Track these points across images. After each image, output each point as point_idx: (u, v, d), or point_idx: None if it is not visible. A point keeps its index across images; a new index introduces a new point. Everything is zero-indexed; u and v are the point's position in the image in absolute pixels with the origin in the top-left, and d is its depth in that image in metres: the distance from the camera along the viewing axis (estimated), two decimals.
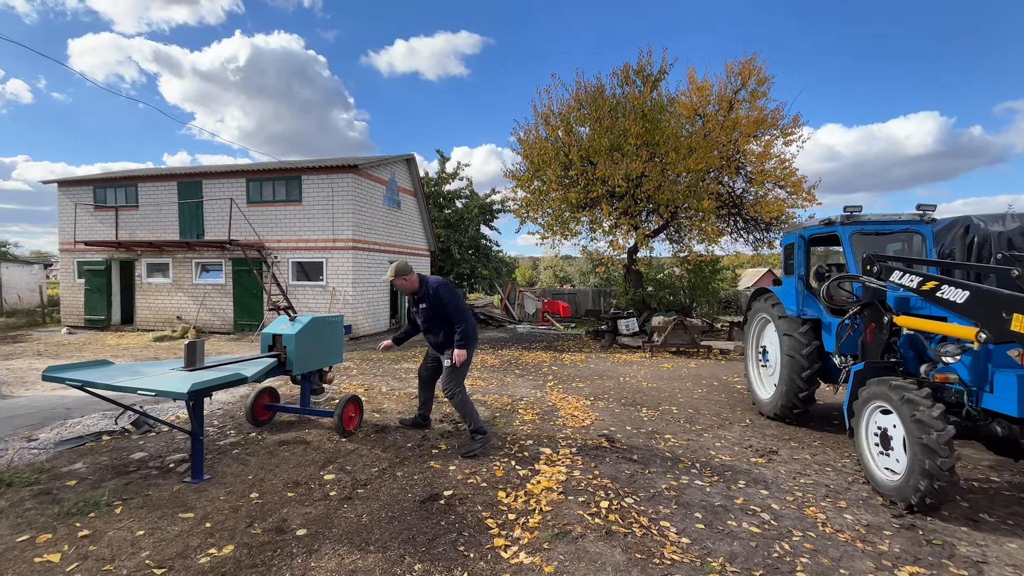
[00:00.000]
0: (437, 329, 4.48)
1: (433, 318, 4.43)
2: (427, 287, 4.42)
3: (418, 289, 4.45)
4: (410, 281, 4.41)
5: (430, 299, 4.39)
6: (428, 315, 4.44)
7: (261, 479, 3.70)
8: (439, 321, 4.44)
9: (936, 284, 3.62)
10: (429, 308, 4.40)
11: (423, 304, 4.42)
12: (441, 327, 4.47)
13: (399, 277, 4.38)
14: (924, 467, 3.21)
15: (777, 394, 5.62)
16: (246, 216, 13.85)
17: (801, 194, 12.95)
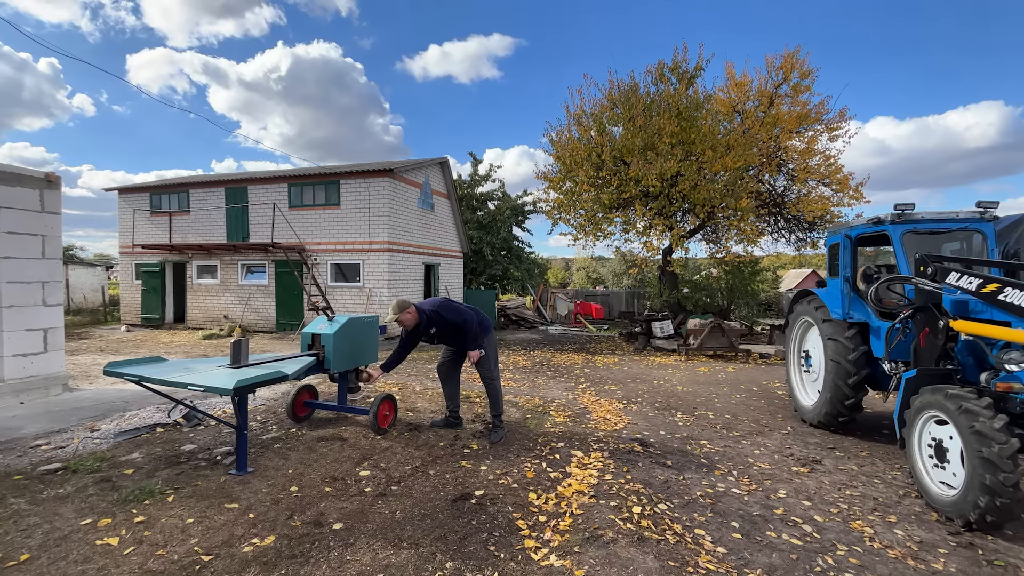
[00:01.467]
0: (457, 340, 4.78)
1: (449, 335, 4.73)
2: (426, 315, 4.61)
3: (420, 320, 4.59)
4: (412, 315, 4.54)
5: (439, 323, 4.63)
6: (444, 335, 4.73)
7: (300, 473, 3.84)
8: (456, 334, 4.71)
9: (998, 286, 3.40)
10: (442, 330, 4.68)
11: (434, 329, 4.66)
12: (456, 338, 4.79)
13: (402, 313, 4.50)
14: (984, 482, 3.01)
15: (821, 401, 5.38)
16: (288, 220, 14.40)
17: (848, 192, 12.37)
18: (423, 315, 4.59)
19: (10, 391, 5.89)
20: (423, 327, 4.60)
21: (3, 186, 5.94)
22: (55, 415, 5.37)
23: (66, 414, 5.41)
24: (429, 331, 4.63)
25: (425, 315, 4.60)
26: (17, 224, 6.07)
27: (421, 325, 4.59)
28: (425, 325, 4.59)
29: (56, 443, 4.45)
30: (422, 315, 4.58)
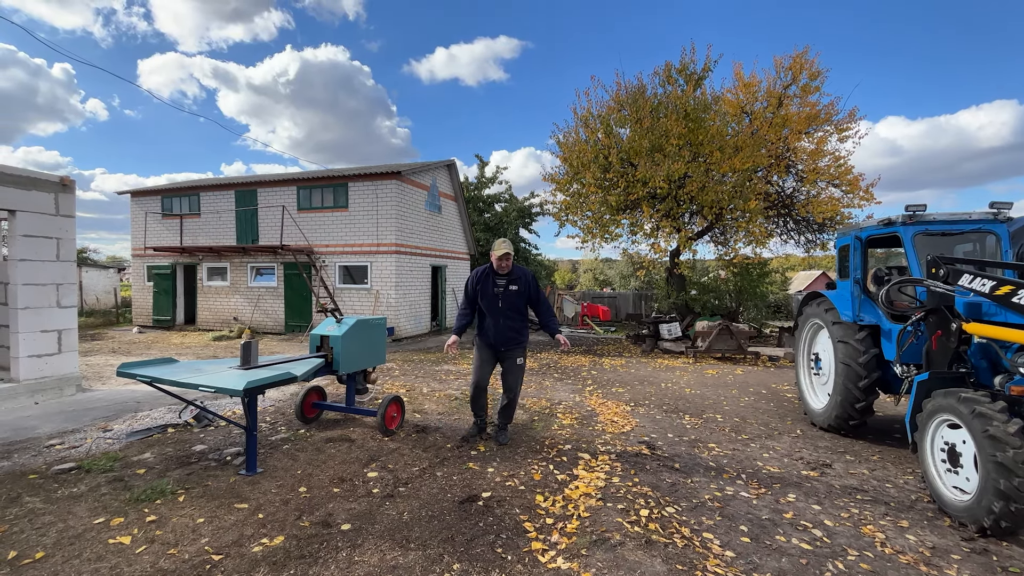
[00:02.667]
0: (516, 316, 4.43)
1: (516, 305, 4.41)
2: (520, 270, 4.44)
3: (514, 272, 4.41)
4: (509, 262, 4.39)
5: (523, 283, 4.39)
6: (513, 301, 4.38)
7: (309, 474, 3.87)
8: (520, 308, 4.45)
9: (1012, 288, 3.35)
10: (517, 293, 4.36)
11: (514, 287, 4.35)
12: (520, 315, 4.46)
13: (510, 255, 4.33)
14: (999, 487, 2.96)
15: (831, 404, 5.33)
16: (296, 222, 14.52)
17: (858, 192, 12.24)
18: (519, 269, 4.45)
19: (25, 391, 5.98)
20: (509, 280, 4.38)
21: (19, 190, 6.05)
22: (69, 415, 5.45)
23: (79, 414, 5.48)
24: (509, 288, 4.35)
25: (520, 270, 4.45)
26: (32, 227, 6.18)
27: (511, 276, 4.38)
28: (514, 279, 4.38)
29: (70, 443, 4.52)
30: (517, 268, 4.45)
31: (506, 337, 4.43)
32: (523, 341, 4.46)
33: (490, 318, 4.42)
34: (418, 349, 12.19)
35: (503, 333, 4.42)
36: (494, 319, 4.40)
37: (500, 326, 4.40)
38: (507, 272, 4.39)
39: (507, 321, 4.40)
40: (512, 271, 4.38)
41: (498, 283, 4.39)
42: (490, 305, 4.40)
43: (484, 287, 4.41)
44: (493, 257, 4.37)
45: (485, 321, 4.46)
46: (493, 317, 4.40)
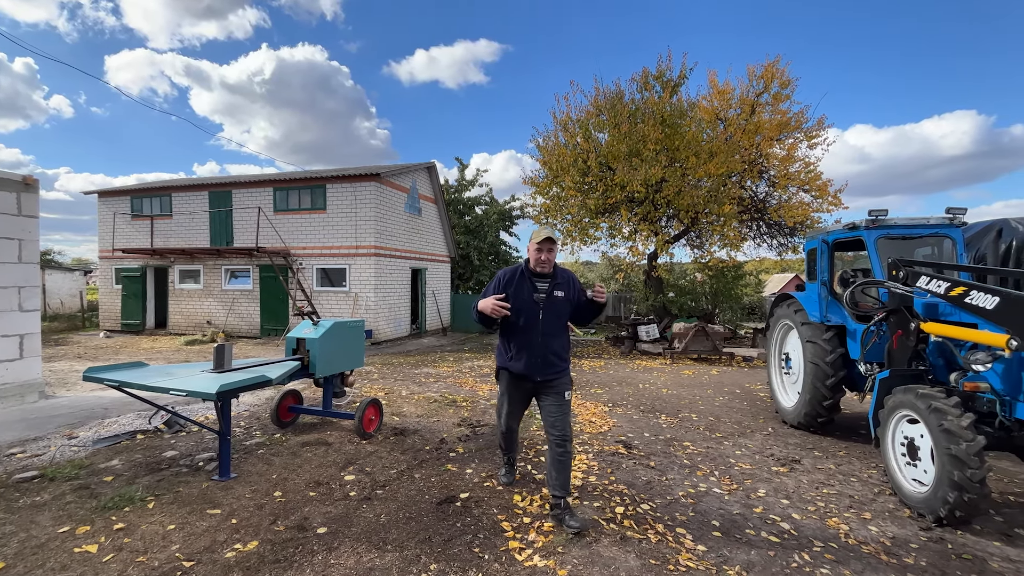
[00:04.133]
0: (561, 333, 3.29)
1: (562, 318, 3.28)
2: (564, 271, 3.35)
3: (553, 270, 3.29)
4: (553, 256, 3.28)
5: (570, 288, 3.29)
6: (559, 312, 3.24)
7: (284, 478, 3.82)
8: (565, 323, 3.33)
9: (965, 289, 3.53)
10: (564, 301, 3.25)
11: (559, 292, 3.23)
12: (565, 332, 3.33)
13: (553, 244, 3.25)
14: (953, 479, 3.12)
15: (800, 402, 5.50)
16: (273, 224, 14.27)
17: (827, 198, 12.66)
18: (562, 270, 3.35)
19: None
20: (557, 283, 3.26)
21: None
22: (31, 422, 5.25)
23: (43, 421, 5.29)
24: (553, 294, 3.22)
25: (564, 271, 3.36)
26: None
27: (554, 278, 3.26)
28: (562, 283, 3.28)
29: (32, 451, 4.36)
30: (560, 269, 3.35)
31: (548, 363, 3.21)
32: (567, 368, 3.34)
33: (523, 336, 3.19)
34: (398, 352, 12.10)
35: (544, 358, 3.19)
36: (531, 338, 3.18)
37: (539, 348, 3.18)
38: (549, 273, 3.25)
39: (549, 340, 3.20)
40: (555, 271, 3.28)
41: (539, 287, 3.21)
42: (527, 319, 3.17)
43: (518, 293, 3.18)
44: (531, 248, 3.24)
45: (514, 341, 3.22)
46: (529, 335, 3.18)
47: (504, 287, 3.22)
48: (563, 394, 3.25)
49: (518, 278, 3.25)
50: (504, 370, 3.37)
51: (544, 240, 3.19)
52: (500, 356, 3.39)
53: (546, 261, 3.22)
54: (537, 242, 3.20)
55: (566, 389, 3.28)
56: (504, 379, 3.40)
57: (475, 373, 9.09)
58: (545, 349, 3.20)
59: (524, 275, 3.27)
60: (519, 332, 3.22)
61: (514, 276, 3.26)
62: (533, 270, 3.25)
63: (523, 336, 3.21)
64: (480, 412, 6.07)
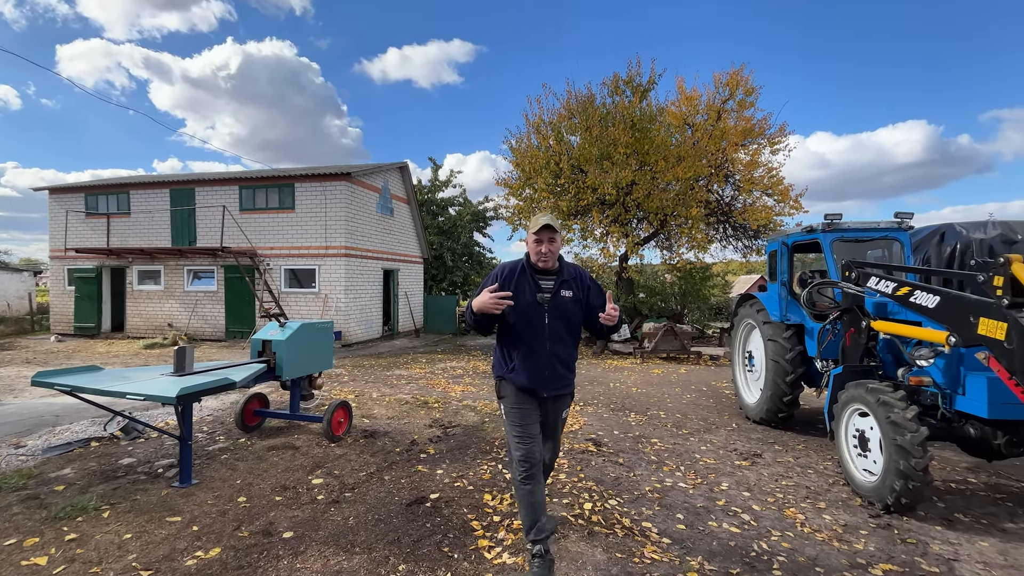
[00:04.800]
0: (570, 340, 2.76)
1: (571, 322, 2.73)
2: (572, 267, 2.82)
3: (558, 265, 2.75)
4: (556, 247, 2.70)
5: (579, 285, 2.75)
6: (567, 315, 2.70)
7: (249, 483, 3.73)
8: (576, 328, 2.78)
9: (910, 289, 3.74)
10: (573, 302, 2.71)
11: (567, 292, 2.69)
12: (575, 339, 2.80)
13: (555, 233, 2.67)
14: (899, 468, 3.30)
15: (762, 398, 5.71)
16: (239, 223, 13.86)
17: (788, 202, 13.16)
18: (570, 266, 2.82)
19: None
20: (564, 280, 2.71)
21: None
22: None
23: None
24: (562, 294, 2.68)
25: (572, 267, 2.82)
26: None
27: (559, 274, 2.71)
28: (570, 280, 2.73)
29: None
30: (567, 264, 2.81)
31: (555, 376, 2.68)
32: (573, 383, 2.83)
33: (526, 344, 2.65)
34: (369, 354, 11.94)
35: (551, 370, 2.66)
36: (535, 346, 2.64)
37: (546, 358, 2.65)
38: (554, 268, 2.73)
39: (556, 348, 2.67)
40: (562, 267, 2.76)
41: (543, 286, 2.68)
42: (531, 323, 2.64)
43: (519, 294, 2.63)
44: (529, 239, 2.71)
45: (517, 350, 2.68)
46: (534, 343, 2.64)
47: (502, 286, 2.64)
48: (562, 413, 2.83)
49: (518, 275, 2.69)
50: (506, 381, 2.73)
51: (543, 229, 2.62)
52: (499, 366, 2.78)
53: (548, 254, 2.66)
54: (534, 231, 2.65)
55: (567, 407, 2.85)
56: (509, 392, 2.72)
57: (447, 375, 9.06)
58: (553, 359, 2.65)
59: (525, 272, 2.70)
60: (522, 339, 2.65)
61: (513, 273, 2.71)
62: (535, 265, 2.71)
63: (526, 344, 2.65)
64: (452, 413, 6.06)
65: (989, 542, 3.11)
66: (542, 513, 2.58)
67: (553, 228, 2.63)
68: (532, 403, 2.71)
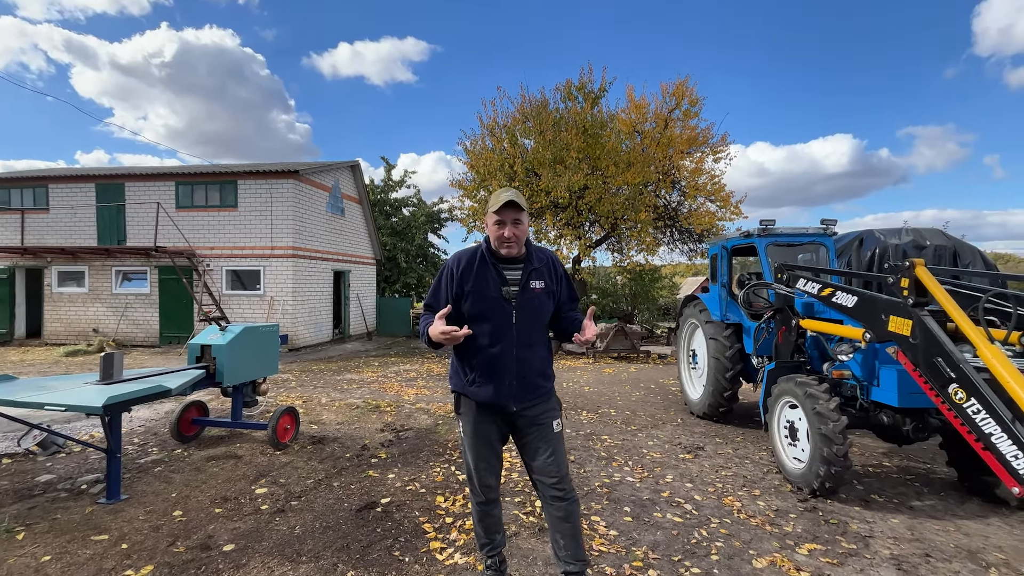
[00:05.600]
0: (540, 338, 2.32)
1: (541, 317, 2.30)
2: (541, 251, 2.37)
3: (526, 251, 2.29)
4: (523, 231, 2.23)
5: (551, 273, 2.31)
6: (537, 309, 2.25)
7: (186, 496, 3.53)
8: (546, 323, 2.35)
9: (832, 290, 4.06)
10: (545, 293, 2.27)
11: (538, 283, 2.24)
12: (546, 335, 2.39)
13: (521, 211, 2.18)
14: (823, 454, 3.58)
15: (705, 394, 6.01)
16: (175, 221, 13.05)
17: (730, 207, 13.90)
18: (539, 250, 2.36)
19: None
20: (533, 268, 2.25)
21: None
22: None
23: None
24: (531, 286, 2.23)
25: (541, 251, 2.37)
26: None
27: (527, 262, 2.25)
28: (540, 268, 2.27)
29: None
30: (536, 248, 2.34)
31: (527, 386, 2.24)
32: (552, 388, 2.38)
33: (489, 349, 2.20)
34: (318, 358, 11.55)
35: (521, 379, 2.23)
36: (501, 351, 2.20)
37: (513, 364, 2.21)
38: (521, 255, 2.26)
39: (527, 352, 2.23)
40: (530, 251, 2.29)
41: (509, 278, 2.22)
42: (495, 325, 2.19)
43: (479, 285, 2.20)
44: (489, 221, 2.23)
45: (477, 357, 2.23)
46: (499, 348, 2.20)
47: (460, 282, 2.19)
48: (550, 425, 2.29)
49: (478, 266, 2.21)
50: (463, 396, 2.30)
51: (506, 207, 2.12)
52: (455, 377, 2.32)
53: (512, 239, 2.17)
54: (495, 210, 2.15)
55: (554, 418, 2.32)
56: (467, 411, 2.29)
57: (401, 378, 8.93)
58: (522, 366, 2.20)
59: (486, 261, 2.22)
60: (483, 344, 2.18)
61: (472, 263, 2.22)
62: (496, 252, 2.22)
63: (489, 349, 2.18)
64: (404, 416, 5.98)
65: (899, 519, 3.43)
66: (497, 532, 2.44)
67: (518, 205, 2.14)
68: (496, 423, 2.27)
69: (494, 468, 2.35)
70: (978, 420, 2.54)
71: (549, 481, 2.25)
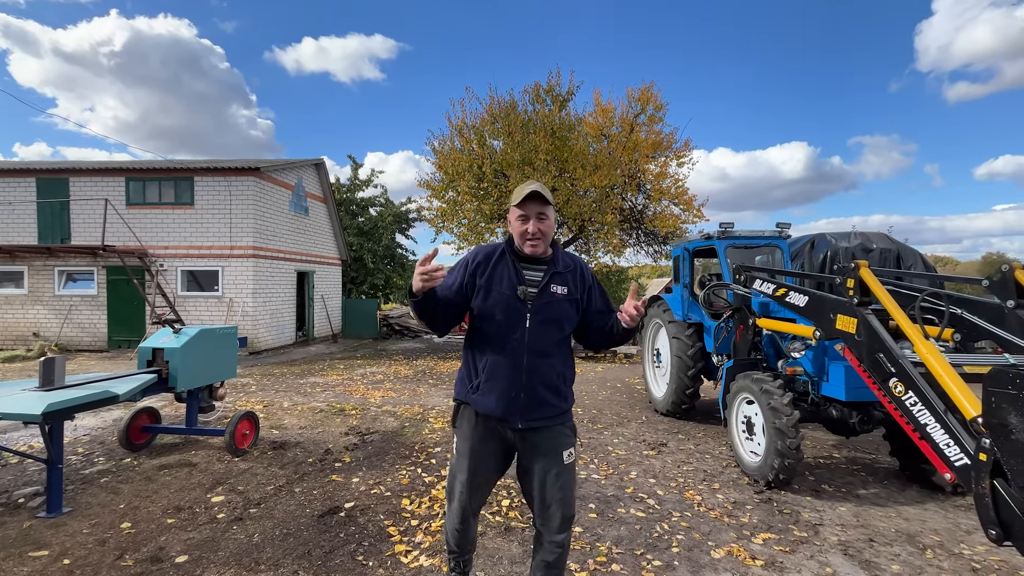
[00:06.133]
0: (559, 349, 2.04)
1: (562, 325, 2.03)
2: (567, 256, 2.16)
3: (552, 252, 2.09)
4: (549, 226, 2.01)
5: (577, 280, 2.07)
6: (555, 314, 2.00)
7: (135, 507, 3.36)
8: (567, 333, 2.08)
9: (786, 291, 4.24)
10: (567, 300, 2.02)
11: (560, 287, 2.01)
12: (566, 347, 2.09)
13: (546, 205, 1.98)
14: (777, 447, 3.74)
15: (668, 392, 6.17)
16: (125, 219, 12.40)
17: (692, 211, 14.31)
18: (564, 254, 2.15)
19: None
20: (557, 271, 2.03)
21: None
22: None
23: None
24: (552, 289, 2.00)
25: (567, 256, 2.15)
26: None
27: (557, 266, 2.04)
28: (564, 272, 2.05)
29: None
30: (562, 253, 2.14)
31: (535, 400, 1.98)
32: (569, 409, 2.09)
33: (498, 356, 1.98)
34: (281, 362, 11.21)
35: (529, 390, 1.97)
36: (509, 356, 1.96)
37: (521, 373, 1.96)
38: (546, 256, 2.07)
39: (539, 362, 1.98)
40: (556, 254, 2.09)
41: (528, 278, 2.02)
42: (505, 326, 1.97)
43: (494, 284, 2.00)
44: (512, 217, 2.03)
45: (484, 359, 2.01)
46: (507, 352, 1.97)
47: (474, 273, 2.00)
48: (560, 455, 1.98)
49: (496, 260, 2.03)
50: (464, 406, 2.06)
51: (529, 199, 1.93)
52: (460, 385, 2.09)
53: (537, 236, 1.97)
54: (517, 203, 1.95)
55: (567, 447, 2.00)
56: (464, 423, 2.05)
57: (367, 380, 8.77)
58: (532, 376, 1.95)
59: (506, 258, 2.03)
60: (492, 346, 1.97)
61: (490, 259, 2.03)
62: (519, 251, 2.04)
63: (497, 353, 1.96)
64: (370, 419, 5.89)
65: (847, 507, 3.62)
66: (470, 551, 2.24)
67: (544, 198, 1.94)
68: (496, 441, 2.00)
69: (480, 495, 2.07)
70: (915, 412, 2.71)
71: (552, 525, 1.97)
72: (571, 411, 2.10)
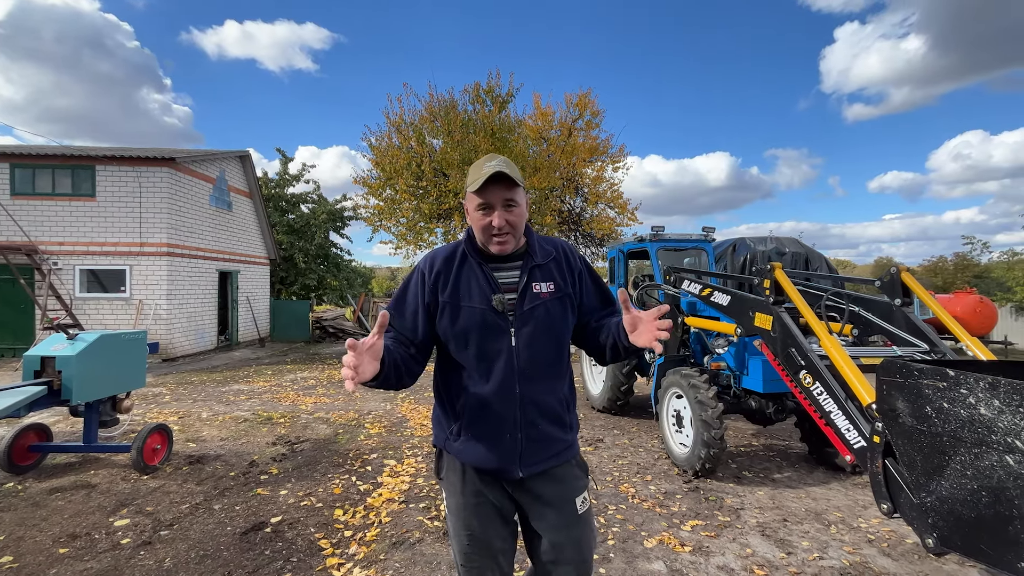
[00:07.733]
0: (551, 367, 1.55)
1: (553, 330, 1.53)
2: (550, 241, 1.65)
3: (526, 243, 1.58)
4: (519, 215, 1.49)
5: (564, 267, 1.59)
6: (544, 320, 1.51)
7: (19, 538, 2.96)
8: (564, 341, 1.58)
9: (711, 291, 4.51)
10: (556, 301, 1.53)
11: (545, 284, 1.53)
12: (562, 360, 1.58)
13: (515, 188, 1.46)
14: (703, 438, 3.96)
15: (604, 389, 6.36)
16: (8, 211, 10.95)
17: (627, 214, 14.91)
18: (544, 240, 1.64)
19: None
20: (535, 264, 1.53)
21: None
22: None
23: None
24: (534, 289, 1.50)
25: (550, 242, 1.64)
26: None
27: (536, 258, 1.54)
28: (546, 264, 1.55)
29: None
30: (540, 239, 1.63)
31: (536, 438, 1.51)
32: (573, 439, 1.61)
33: (481, 390, 1.49)
34: (200, 368, 10.36)
35: (530, 425, 1.50)
36: (499, 385, 1.48)
37: (516, 404, 1.48)
38: (519, 250, 1.57)
39: (535, 386, 1.51)
40: (531, 244, 1.58)
41: (501, 280, 1.53)
42: (485, 350, 1.49)
43: (459, 296, 1.51)
44: (470, 207, 1.50)
45: (464, 398, 1.51)
46: (494, 379, 1.48)
47: (433, 289, 1.52)
48: (572, 503, 1.54)
49: (457, 267, 1.53)
50: (449, 455, 1.58)
51: (492, 182, 1.43)
52: (437, 427, 1.62)
53: (505, 231, 1.47)
54: (475, 189, 1.44)
55: (579, 491, 1.56)
56: (453, 475, 1.56)
57: (297, 386, 8.32)
58: (528, 409, 1.49)
59: (468, 260, 1.54)
60: (470, 377, 1.50)
61: (450, 264, 1.54)
62: (484, 249, 1.54)
63: (479, 385, 1.49)
64: (300, 428, 5.58)
65: (764, 491, 3.90)
66: None
67: (510, 179, 1.44)
68: (494, 492, 1.53)
69: (492, 557, 1.51)
70: (821, 400, 2.97)
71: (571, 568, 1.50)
72: (577, 442, 1.62)
